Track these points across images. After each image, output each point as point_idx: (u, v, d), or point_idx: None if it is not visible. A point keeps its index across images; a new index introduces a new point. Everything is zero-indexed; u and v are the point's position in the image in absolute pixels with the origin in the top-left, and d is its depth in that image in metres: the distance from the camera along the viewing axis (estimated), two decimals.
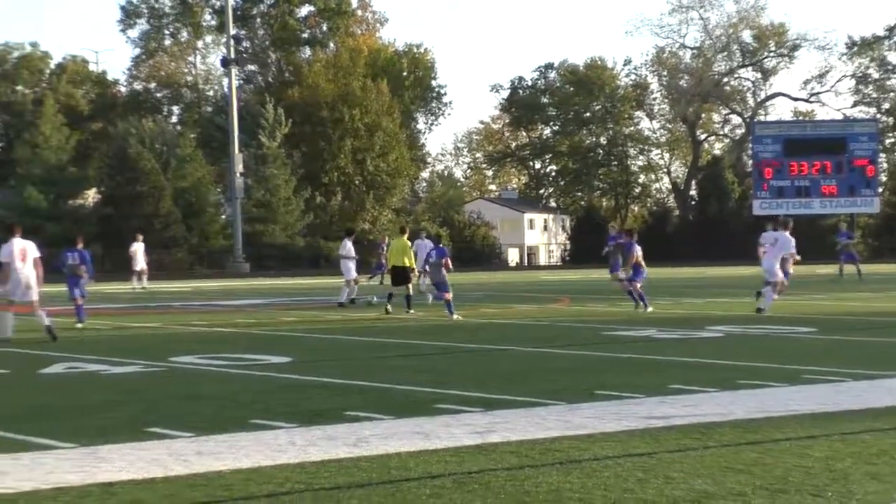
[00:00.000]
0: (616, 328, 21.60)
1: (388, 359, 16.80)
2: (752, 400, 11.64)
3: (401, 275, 27.88)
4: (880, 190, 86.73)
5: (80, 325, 23.43)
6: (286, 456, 8.76)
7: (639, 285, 26.62)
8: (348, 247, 32.86)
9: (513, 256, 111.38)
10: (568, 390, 12.51)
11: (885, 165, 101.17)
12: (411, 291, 27.72)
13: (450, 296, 25.78)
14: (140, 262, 45.77)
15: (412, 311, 26.86)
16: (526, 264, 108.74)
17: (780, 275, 24.94)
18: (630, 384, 12.94)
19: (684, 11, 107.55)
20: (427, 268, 27.57)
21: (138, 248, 45.70)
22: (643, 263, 26.87)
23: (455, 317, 25.15)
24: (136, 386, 13.68)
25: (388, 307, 27.26)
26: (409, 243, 28.88)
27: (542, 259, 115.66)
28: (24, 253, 20.33)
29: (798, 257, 25.98)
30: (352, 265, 32.32)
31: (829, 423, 10.16)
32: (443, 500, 7.36)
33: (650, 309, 25.93)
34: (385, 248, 36.16)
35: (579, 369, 14.93)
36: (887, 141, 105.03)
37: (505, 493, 7.50)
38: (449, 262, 27.05)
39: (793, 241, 25.19)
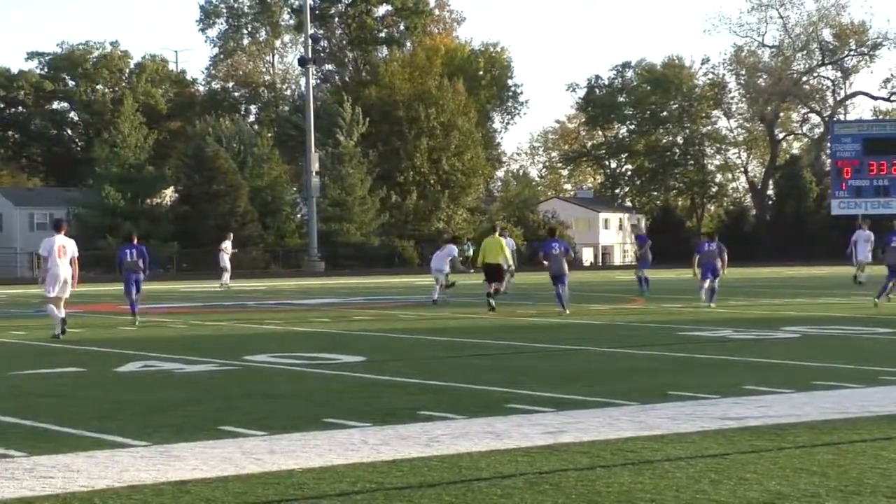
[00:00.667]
0: (691, 328, 21.45)
1: (461, 358, 16.81)
2: (828, 401, 11.51)
3: (495, 271, 28.47)
4: None
5: (137, 324, 23.46)
6: (358, 455, 8.79)
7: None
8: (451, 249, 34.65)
9: (587, 256, 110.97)
10: (641, 390, 12.44)
11: None
12: (503, 288, 28.47)
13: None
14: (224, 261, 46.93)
15: (493, 311, 27.00)
16: (600, 264, 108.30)
17: None
18: (704, 385, 12.85)
19: (763, 10, 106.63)
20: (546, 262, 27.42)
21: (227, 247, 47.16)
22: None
23: (567, 312, 25.83)
24: (211, 384, 13.80)
25: (490, 304, 27.46)
26: (504, 241, 29.68)
27: (617, 259, 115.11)
28: (64, 250, 20.59)
29: None
30: (446, 267, 33.19)
31: None
32: (514, 500, 7.35)
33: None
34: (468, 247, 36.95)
35: (653, 369, 14.84)
36: None
37: (576, 494, 7.47)
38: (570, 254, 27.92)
39: None
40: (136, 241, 24.27)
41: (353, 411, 11.06)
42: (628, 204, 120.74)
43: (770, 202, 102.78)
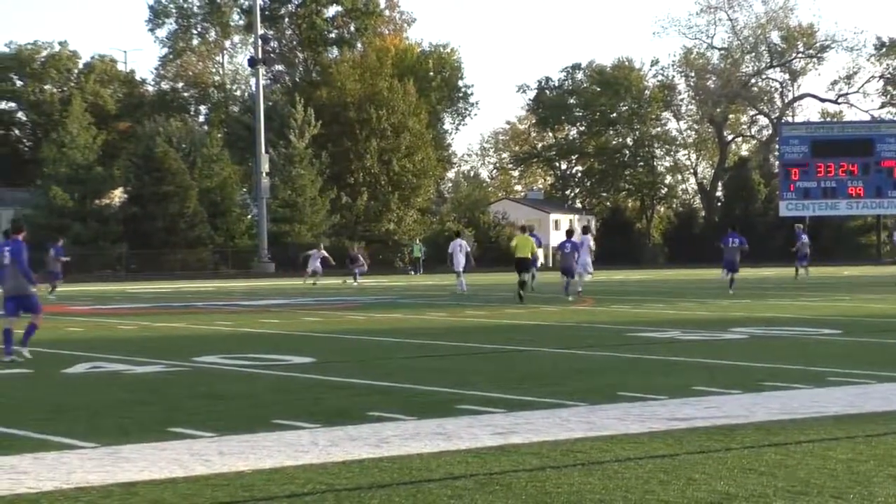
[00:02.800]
0: (640, 329, 21.55)
1: (412, 359, 16.81)
2: (776, 402, 11.60)
3: (525, 264, 33.95)
4: None
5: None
6: (308, 456, 8.77)
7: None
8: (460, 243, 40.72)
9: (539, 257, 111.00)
10: (591, 391, 12.49)
11: None
12: (529, 280, 34.32)
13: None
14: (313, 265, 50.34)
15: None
16: (551, 265, 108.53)
17: None
18: (653, 386, 12.91)
19: (712, 12, 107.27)
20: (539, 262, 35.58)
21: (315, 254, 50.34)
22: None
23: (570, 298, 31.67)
24: (159, 386, 13.73)
25: (520, 294, 32.17)
26: (533, 239, 35.26)
27: None
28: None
29: None
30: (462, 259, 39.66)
31: (853, 425, 10.11)
32: (464, 501, 7.36)
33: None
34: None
35: (602, 370, 14.90)
36: None
37: (526, 495, 7.49)
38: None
39: None
40: (60, 244, 21.95)
41: (302, 412, 11.03)
42: (578, 205, 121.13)
43: (719, 204, 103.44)
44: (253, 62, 73.74)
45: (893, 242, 50.72)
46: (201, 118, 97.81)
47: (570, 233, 34.70)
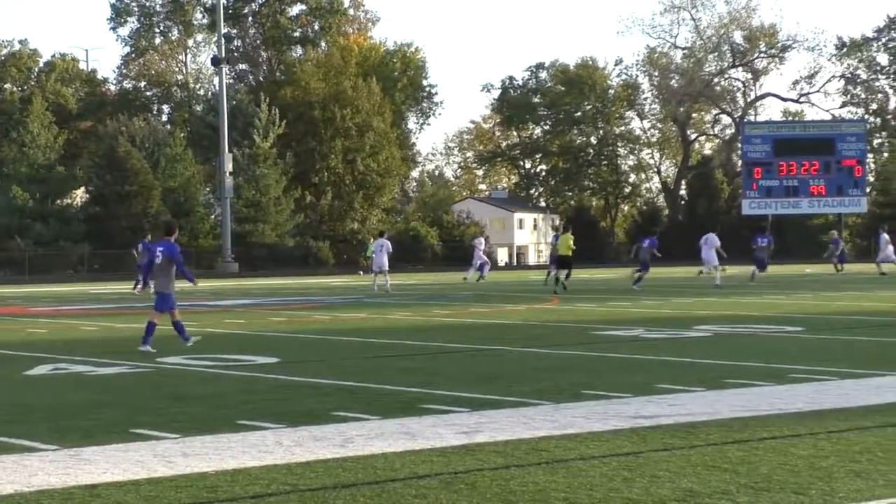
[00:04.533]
0: (604, 328, 21.61)
1: (376, 359, 16.79)
2: (739, 399, 11.66)
3: (566, 261, 38.07)
4: (868, 190, 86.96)
5: None
6: (272, 457, 8.75)
7: None
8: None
9: (502, 256, 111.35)
10: (556, 390, 12.51)
11: (872, 166, 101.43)
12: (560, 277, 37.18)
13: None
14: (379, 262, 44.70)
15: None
16: (515, 264, 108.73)
17: None
18: (617, 384, 12.95)
19: (676, 12, 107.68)
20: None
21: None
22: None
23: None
24: (122, 387, 13.65)
25: (564, 285, 36.53)
26: (571, 238, 38.77)
27: (532, 259, 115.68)
28: None
29: None
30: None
31: (815, 421, 10.18)
32: (429, 500, 7.36)
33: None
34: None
35: (567, 369, 14.93)
36: (875, 141, 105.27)
37: (491, 493, 7.49)
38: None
39: None
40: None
41: (267, 413, 10.99)
42: (542, 204, 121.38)
43: (682, 202, 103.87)
44: (216, 61, 73.41)
45: (832, 250, 51.38)
46: (164, 117, 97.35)
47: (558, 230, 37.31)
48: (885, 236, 50.56)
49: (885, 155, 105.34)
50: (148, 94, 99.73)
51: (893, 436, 9.45)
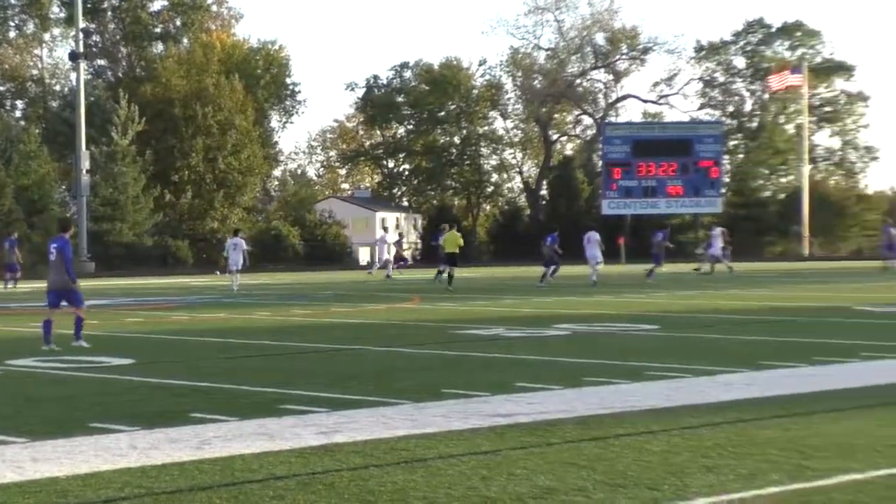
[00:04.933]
0: (465, 327, 21.71)
1: (235, 359, 16.62)
2: (595, 397, 11.81)
3: (453, 259, 38.67)
4: (723, 191, 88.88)
5: None
6: (126, 460, 8.60)
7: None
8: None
9: (364, 256, 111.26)
10: (415, 389, 12.52)
11: (728, 167, 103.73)
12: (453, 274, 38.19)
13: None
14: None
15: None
16: (377, 261, 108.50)
17: None
18: (477, 382, 13.01)
19: (540, 13, 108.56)
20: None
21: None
22: None
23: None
24: None
25: (446, 282, 37.53)
26: (459, 235, 40.28)
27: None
28: None
29: None
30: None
31: (669, 418, 10.36)
32: (286, 501, 7.31)
33: None
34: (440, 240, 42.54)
35: (427, 368, 14.96)
36: (731, 143, 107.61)
37: (349, 494, 7.47)
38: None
39: None
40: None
41: (121, 415, 10.80)
42: (405, 203, 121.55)
43: (544, 202, 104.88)
44: (74, 56, 71.89)
45: (706, 249, 52.27)
46: (18, 113, 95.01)
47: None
48: (717, 230, 51.02)
49: (741, 156, 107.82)
50: (1, 89, 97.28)
51: (744, 431, 9.66)
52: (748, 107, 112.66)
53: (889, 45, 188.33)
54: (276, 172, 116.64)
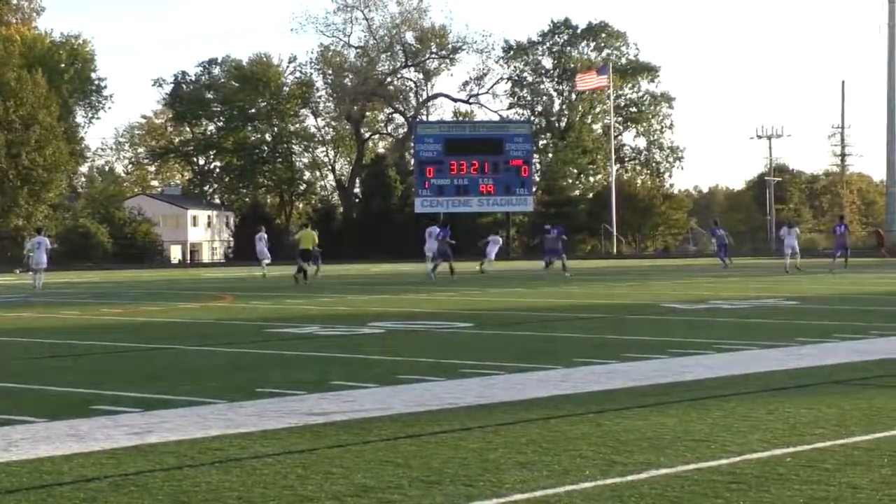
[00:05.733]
0: (279, 325, 21.60)
1: (43, 359, 16.21)
2: (411, 394, 11.89)
3: (309, 254, 41.23)
4: (534, 189, 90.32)
5: None
6: None
7: None
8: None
9: (175, 254, 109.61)
10: (229, 388, 12.41)
11: (538, 166, 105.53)
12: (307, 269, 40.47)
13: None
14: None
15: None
16: (189, 261, 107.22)
17: None
18: (292, 381, 12.97)
19: (349, 11, 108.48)
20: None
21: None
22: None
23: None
24: None
25: (299, 279, 39.40)
26: (314, 233, 43.13)
27: (206, 256, 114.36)
28: None
29: None
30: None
31: (484, 415, 10.49)
32: (98, 503, 7.18)
33: None
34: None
35: (241, 367, 14.84)
36: (540, 142, 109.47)
37: (163, 494, 7.38)
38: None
39: None
40: None
41: None
42: (217, 201, 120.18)
43: (357, 200, 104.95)
44: None
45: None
46: None
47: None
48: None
49: (550, 155, 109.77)
50: None
51: (556, 427, 9.85)
52: (556, 107, 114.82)
53: (693, 47, 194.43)
54: (83, 169, 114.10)
